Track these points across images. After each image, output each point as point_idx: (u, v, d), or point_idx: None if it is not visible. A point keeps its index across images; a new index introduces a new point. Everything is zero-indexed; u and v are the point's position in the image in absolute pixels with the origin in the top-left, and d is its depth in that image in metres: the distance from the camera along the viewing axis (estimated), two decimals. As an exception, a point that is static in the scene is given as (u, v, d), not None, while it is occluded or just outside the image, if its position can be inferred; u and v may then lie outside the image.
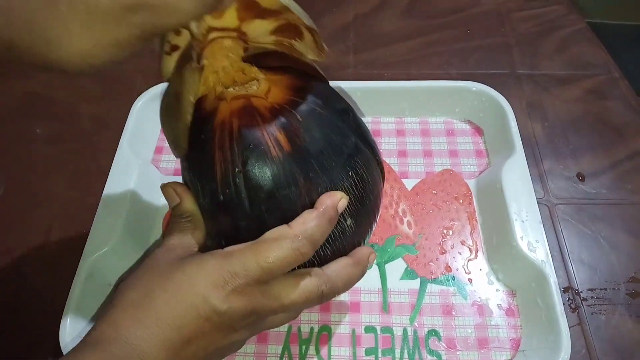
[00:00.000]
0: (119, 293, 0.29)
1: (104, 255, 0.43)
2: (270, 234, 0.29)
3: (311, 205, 0.31)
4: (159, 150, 0.54)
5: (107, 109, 0.58)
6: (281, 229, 0.29)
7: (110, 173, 0.48)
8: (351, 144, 0.33)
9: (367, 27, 0.67)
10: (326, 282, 0.31)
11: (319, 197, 0.31)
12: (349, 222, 0.33)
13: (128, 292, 0.29)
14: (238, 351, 0.38)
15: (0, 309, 0.45)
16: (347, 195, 0.32)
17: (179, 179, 0.36)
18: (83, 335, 0.40)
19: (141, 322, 0.27)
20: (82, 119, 0.58)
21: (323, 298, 0.31)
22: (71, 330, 0.39)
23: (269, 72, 0.34)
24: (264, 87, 0.32)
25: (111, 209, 0.45)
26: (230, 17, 0.31)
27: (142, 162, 0.50)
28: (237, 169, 0.30)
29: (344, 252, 0.34)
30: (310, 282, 0.30)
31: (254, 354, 0.41)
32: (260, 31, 0.32)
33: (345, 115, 0.34)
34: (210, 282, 0.28)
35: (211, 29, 0.31)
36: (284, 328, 0.42)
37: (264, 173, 0.30)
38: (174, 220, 0.33)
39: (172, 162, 0.53)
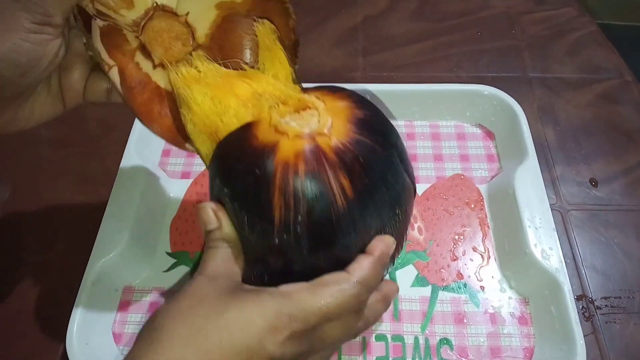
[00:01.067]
0: (162, 325, 0.26)
1: (111, 260, 0.42)
2: (329, 278, 0.28)
3: (363, 246, 0.30)
4: (166, 153, 0.54)
5: (113, 112, 0.57)
6: (341, 275, 0.28)
7: (117, 176, 0.48)
8: (401, 182, 0.32)
9: (376, 29, 0.66)
10: (363, 319, 0.31)
11: (370, 238, 0.30)
12: None
13: (174, 325, 0.26)
14: None
15: (7, 314, 0.44)
16: (392, 233, 0.31)
17: (187, 182, 0.35)
18: (89, 341, 0.40)
19: None
20: (88, 122, 0.58)
21: (357, 335, 0.32)
22: (78, 335, 0.39)
23: (324, 95, 0.32)
24: (324, 121, 0.30)
25: (118, 213, 0.45)
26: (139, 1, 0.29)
27: (150, 166, 0.50)
28: (299, 218, 0.28)
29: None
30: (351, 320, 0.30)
31: (262, 361, 0.40)
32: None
33: (396, 147, 0.33)
34: (268, 324, 0.26)
35: (137, 19, 0.30)
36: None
37: (328, 223, 0.28)
38: (213, 245, 0.31)
39: (179, 165, 0.53)
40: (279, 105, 0.30)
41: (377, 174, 0.30)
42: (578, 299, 0.43)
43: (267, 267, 0.32)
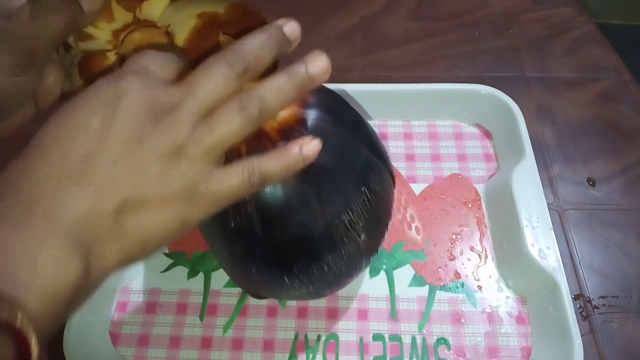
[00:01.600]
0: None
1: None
2: None
3: (326, 227, 0.30)
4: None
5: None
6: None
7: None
8: (363, 159, 0.32)
9: (373, 29, 0.66)
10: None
11: (332, 217, 0.30)
12: (362, 237, 0.32)
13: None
14: None
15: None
16: (362, 213, 0.31)
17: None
18: (86, 342, 0.40)
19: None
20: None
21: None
22: (75, 336, 0.39)
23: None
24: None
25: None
26: (120, 14, 0.29)
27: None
28: (247, 198, 0.28)
29: (359, 267, 0.33)
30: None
31: (260, 361, 0.41)
32: (160, 10, 0.31)
33: (355, 127, 0.33)
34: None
35: (117, 32, 0.30)
36: (290, 336, 0.41)
37: (275, 199, 0.29)
38: None
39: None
40: None
41: (329, 151, 0.30)
42: (575, 298, 0.43)
43: (231, 251, 0.32)
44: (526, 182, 0.45)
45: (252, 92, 0.25)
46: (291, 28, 0.28)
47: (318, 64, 0.27)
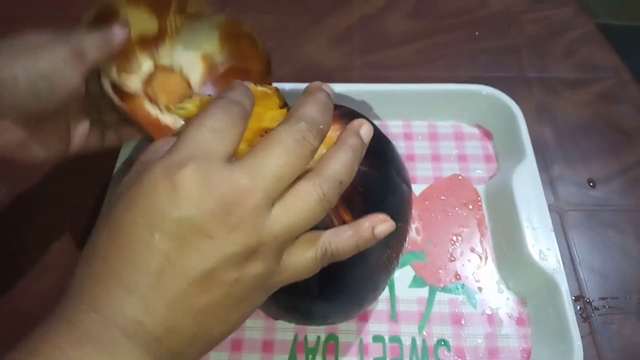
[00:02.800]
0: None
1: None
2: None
3: (369, 273, 0.32)
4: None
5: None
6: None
7: (112, 176, 0.47)
8: (400, 195, 0.32)
9: (373, 28, 0.66)
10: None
11: (375, 260, 0.32)
12: (394, 264, 0.34)
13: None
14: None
15: (6, 314, 0.44)
16: (396, 245, 0.32)
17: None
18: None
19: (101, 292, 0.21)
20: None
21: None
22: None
23: None
24: (316, 157, 0.27)
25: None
26: (143, 59, 0.37)
27: (146, 166, 0.49)
28: None
29: (382, 285, 0.35)
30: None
31: (259, 363, 0.40)
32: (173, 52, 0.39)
33: (393, 163, 0.33)
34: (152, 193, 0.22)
35: (146, 81, 0.37)
36: (289, 337, 0.41)
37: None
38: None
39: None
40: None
41: (377, 198, 0.30)
42: (576, 299, 0.43)
43: (279, 310, 0.33)
44: (526, 183, 0.45)
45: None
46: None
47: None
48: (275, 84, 0.34)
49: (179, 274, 0.21)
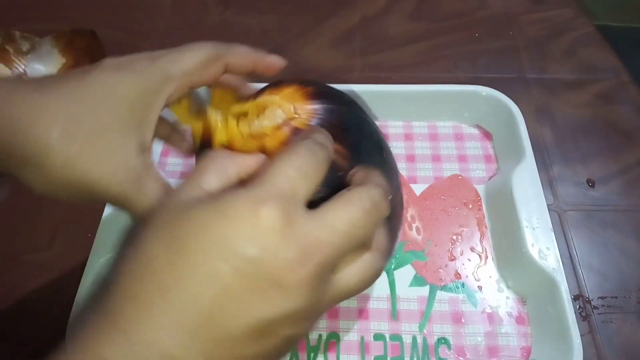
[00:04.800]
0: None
1: (110, 261, 0.42)
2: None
3: None
4: (164, 153, 0.54)
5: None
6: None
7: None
8: (375, 128, 0.35)
9: (374, 29, 0.67)
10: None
11: None
12: None
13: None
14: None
15: (5, 315, 0.44)
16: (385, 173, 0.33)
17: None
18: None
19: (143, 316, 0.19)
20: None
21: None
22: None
23: (271, 91, 0.33)
24: (287, 107, 0.31)
25: (117, 213, 0.45)
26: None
27: (148, 166, 0.50)
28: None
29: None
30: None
31: (261, 361, 0.41)
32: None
33: (359, 108, 0.35)
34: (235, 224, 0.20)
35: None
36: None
37: (342, 186, 0.28)
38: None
39: (178, 165, 0.53)
40: (240, 118, 0.31)
41: (355, 128, 0.32)
42: (575, 298, 0.43)
43: None
44: (526, 183, 0.45)
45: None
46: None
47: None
48: None
49: (235, 315, 0.19)
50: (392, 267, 0.45)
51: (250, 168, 0.26)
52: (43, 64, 0.55)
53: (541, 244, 0.41)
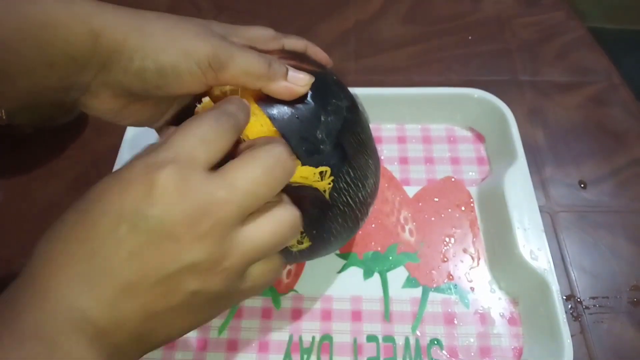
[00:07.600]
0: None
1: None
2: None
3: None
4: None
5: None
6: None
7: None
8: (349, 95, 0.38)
9: (367, 33, 0.67)
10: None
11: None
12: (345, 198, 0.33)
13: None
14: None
15: None
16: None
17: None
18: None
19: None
20: (82, 127, 0.58)
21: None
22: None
23: None
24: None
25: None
26: None
27: (143, 169, 0.50)
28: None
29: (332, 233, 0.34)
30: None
31: (255, 363, 0.41)
32: None
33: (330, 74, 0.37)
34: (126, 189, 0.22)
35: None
36: (284, 337, 0.42)
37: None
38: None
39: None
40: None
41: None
42: (566, 299, 0.44)
43: None
44: (518, 185, 0.45)
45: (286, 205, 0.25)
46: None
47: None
48: None
49: (137, 270, 0.21)
50: (385, 268, 0.45)
51: None
52: None
53: (532, 245, 0.42)
